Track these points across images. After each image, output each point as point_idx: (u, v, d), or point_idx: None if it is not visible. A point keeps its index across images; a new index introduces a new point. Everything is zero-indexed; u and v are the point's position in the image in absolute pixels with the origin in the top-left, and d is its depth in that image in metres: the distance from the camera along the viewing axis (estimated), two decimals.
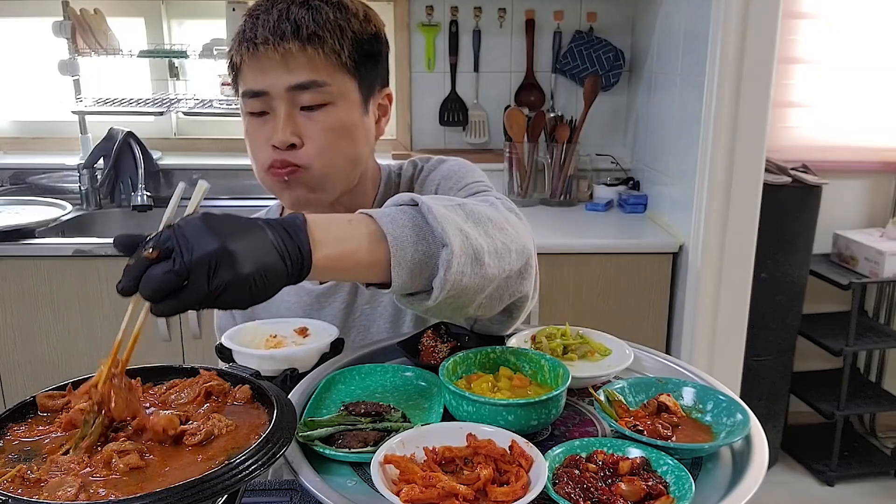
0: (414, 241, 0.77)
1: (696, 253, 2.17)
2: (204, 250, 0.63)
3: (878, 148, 2.86)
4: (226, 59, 1.09)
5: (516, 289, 0.91)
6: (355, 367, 1.01)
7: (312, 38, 1.00)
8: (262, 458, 0.68)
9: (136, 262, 0.64)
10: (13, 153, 2.91)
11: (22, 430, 0.76)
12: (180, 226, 0.65)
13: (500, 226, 0.87)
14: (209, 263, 0.63)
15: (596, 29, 2.77)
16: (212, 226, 0.65)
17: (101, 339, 2.26)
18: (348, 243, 0.75)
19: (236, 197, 2.77)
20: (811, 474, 2.79)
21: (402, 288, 0.79)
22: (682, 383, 0.92)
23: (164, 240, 0.64)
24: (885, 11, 2.74)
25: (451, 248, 0.77)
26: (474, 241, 0.81)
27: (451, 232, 0.78)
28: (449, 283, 0.78)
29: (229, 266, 0.64)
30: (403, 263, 0.77)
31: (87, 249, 2.22)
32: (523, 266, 0.90)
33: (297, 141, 1.04)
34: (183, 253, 0.63)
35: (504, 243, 0.86)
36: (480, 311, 0.90)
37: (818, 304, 2.90)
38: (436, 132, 2.86)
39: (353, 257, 0.75)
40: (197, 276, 0.63)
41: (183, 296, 0.64)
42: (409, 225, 0.78)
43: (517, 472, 0.72)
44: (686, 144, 2.25)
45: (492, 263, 0.83)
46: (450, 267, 0.77)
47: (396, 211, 0.80)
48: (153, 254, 0.64)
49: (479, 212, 0.86)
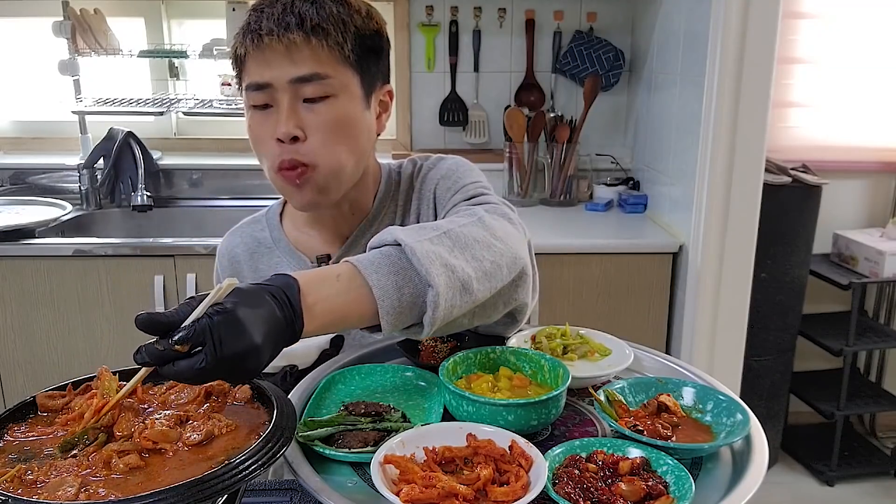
0: (398, 287, 0.80)
1: (696, 253, 2.17)
2: (234, 350, 0.67)
3: (878, 148, 2.86)
4: (230, 53, 1.09)
5: (511, 298, 0.93)
6: (355, 367, 1.01)
7: (317, 29, 1.02)
8: (262, 458, 0.68)
9: (164, 351, 0.67)
10: (13, 153, 2.91)
11: (22, 430, 0.76)
12: (213, 322, 0.67)
13: (487, 244, 0.89)
14: (237, 358, 0.68)
15: (596, 29, 2.76)
16: (243, 319, 0.68)
17: (101, 339, 2.26)
18: (337, 301, 0.78)
19: (236, 197, 2.77)
20: (811, 474, 2.79)
21: (391, 331, 0.82)
22: (682, 383, 0.92)
23: (199, 335, 0.67)
24: (885, 11, 2.74)
25: (436, 290, 0.80)
26: (460, 272, 0.83)
27: (434, 272, 0.80)
28: (438, 319, 0.82)
29: (255, 358, 0.69)
30: (391, 311, 0.80)
31: (87, 249, 2.22)
32: (516, 277, 0.92)
33: (300, 134, 1.04)
34: (217, 350, 0.67)
35: (493, 262, 0.88)
36: (477, 321, 0.92)
37: (818, 304, 2.90)
38: (436, 132, 2.86)
39: (343, 316, 0.79)
40: (221, 369, 0.68)
41: (197, 379, 0.69)
42: (394, 271, 0.80)
43: (517, 472, 0.72)
44: (686, 144, 2.25)
45: (481, 288, 0.86)
46: (437, 306, 0.81)
47: (380, 257, 0.82)
48: (184, 348, 0.67)
49: (464, 235, 0.88)
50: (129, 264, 2.22)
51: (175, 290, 2.22)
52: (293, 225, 1.24)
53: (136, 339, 0.66)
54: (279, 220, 1.25)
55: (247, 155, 2.89)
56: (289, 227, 1.24)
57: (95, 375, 0.79)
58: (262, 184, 2.79)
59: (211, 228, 2.54)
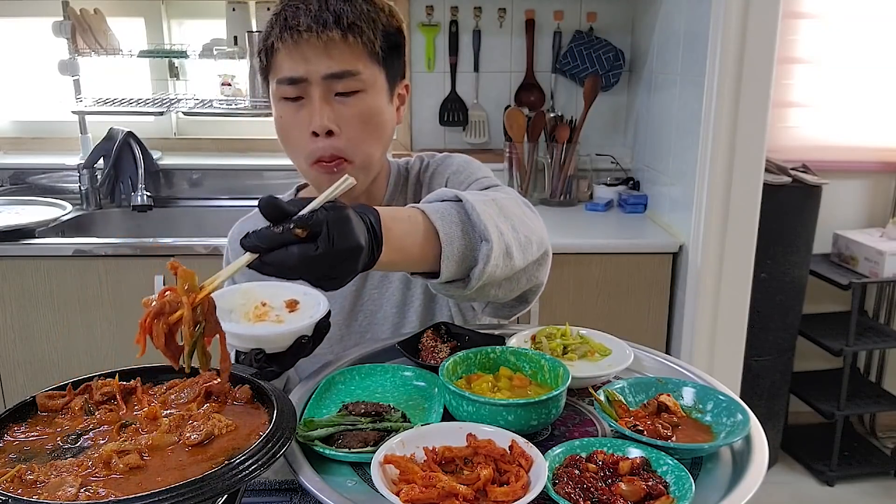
0: (460, 237, 0.86)
1: (696, 253, 2.17)
2: (347, 245, 0.71)
3: (878, 148, 2.86)
4: (259, 45, 1.11)
5: (534, 275, 0.99)
6: (355, 367, 1.01)
7: (353, 27, 1.05)
8: (262, 458, 0.68)
9: (282, 234, 0.69)
10: (13, 153, 2.91)
11: (22, 430, 0.76)
12: (331, 215, 0.70)
13: (522, 220, 0.95)
14: (343, 255, 0.71)
15: (596, 29, 2.76)
16: (353, 220, 0.72)
17: (101, 339, 2.26)
18: (406, 240, 0.82)
19: (236, 197, 2.77)
20: (811, 474, 2.79)
21: (447, 278, 0.86)
22: (682, 383, 0.92)
23: (318, 223, 0.69)
24: (885, 11, 2.74)
25: (490, 244, 0.86)
26: (506, 236, 0.89)
27: (490, 228, 0.86)
28: (486, 275, 0.87)
29: (354, 260, 0.73)
30: (452, 257, 0.85)
31: (87, 249, 2.22)
32: (542, 256, 0.98)
33: (335, 128, 1.07)
34: (331, 241, 0.69)
35: (527, 237, 0.94)
36: (502, 293, 0.97)
37: (818, 304, 2.90)
38: (436, 132, 2.86)
39: (407, 255, 0.83)
40: (326, 263, 0.70)
41: (298, 272, 0.70)
42: (457, 221, 0.86)
43: (517, 472, 0.72)
44: (686, 144, 2.25)
45: (518, 256, 0.91)
46: (488, 261, 0.86)
47: (444, 207, 0.87)
48: (302, 234, 0.69)
49: (506, 207, 0.94)
50: (129, 264, 2.22)
51: None
52: None
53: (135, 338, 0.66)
54: None
55: (247, 155, 2.90)
56: None
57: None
58: (262, 184, 2.79)
59: (211, 228, 2.54)
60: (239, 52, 2.64)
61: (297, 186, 1.31)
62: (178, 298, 0.72)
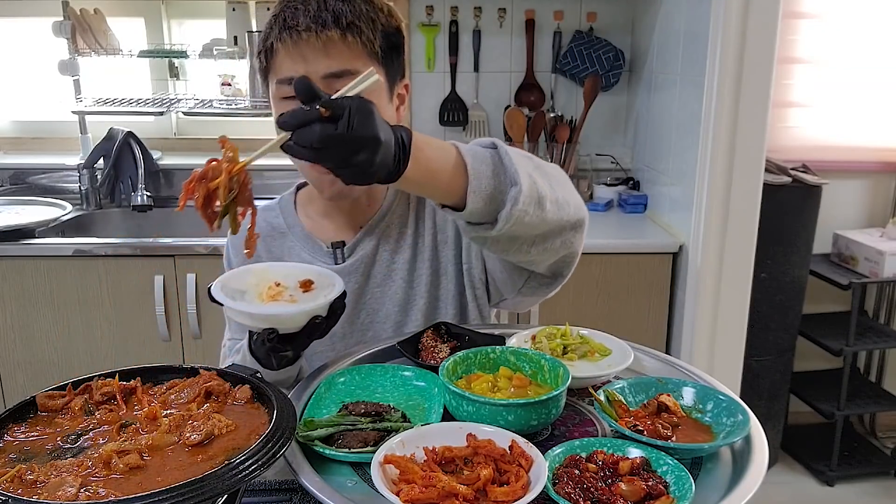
0: (489, 176, 0.89)
1: (696, 253, 2.17)
2: (365, 133, 0.76)
3: (878, 148, 2.86)
4: (258, 45, 1.12)
5: (570, 240, 1.01)
6: (355, 367, 1.01)
7: (351, 27, 1.06)
8: (262, 458, 0.68)
9: (309, 112, 0.75)
10: (13, 153, 2.91)
11: (22, 430, 0.76)
12: (354, 102, 0.76)
13: (561, 182, 0.99)
14: (360, 142, 0.76)
15: (596, 29, 2.76)
16: (375, 114, 0.77)
17: (101, 339, 2.26)
18: (435, 165, 0.87)
19: None
20: (811, 474, 2.79)
21: (471, 213, 0.90)
22: (682, 383, 0.92)
23: (340, 106, 0.75)
24: (885, 11, 2.74)
25: (519, 187, 0.88)
26: (540, 187, 0.92)
27: (521, 174, 0.89)
28: (513, 218, 0.89)
29: (371, 152, 0.77)
30: (478, 192, 0.88)
31: (87, 249, 2.22)
32: (579, 220, 1.00)
33: None
34: (350, 125, 0.74)
35: (564, 197, 0.97)
36: (535, 252, 0.99)
37: (818, 304, 2.90)
38: (436, 132, 2.86)
39: (434, 179, 0.88)
40: (345, 146, 0.75)
41: (322, 153, 0.76)
42: (488, 162, 0.90)
43: (517, 472, 0.72)
44: (686, 144, 2.25)
45: (552, 209, 0.94)
46: (516, 203, 0.88)
47: (479, 149, 0.92)
48: (326, 113, 0.74)
49: (544, 166, 0.99)
50: (129, 264, 2.22)
51: (175, 290, 2.22)
52: (306, 214, 1.27)
53: (136, 339, 0.66)
54: (293, 208, 1.28)
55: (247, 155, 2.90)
56: (302, 216, 1.27)
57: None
58: (262, 184, 2.79)
59: None
60: (239, 52, 2.64)
61: (297, 185, 1.31)
62: (220, 167, 0.79)
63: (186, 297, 2.21)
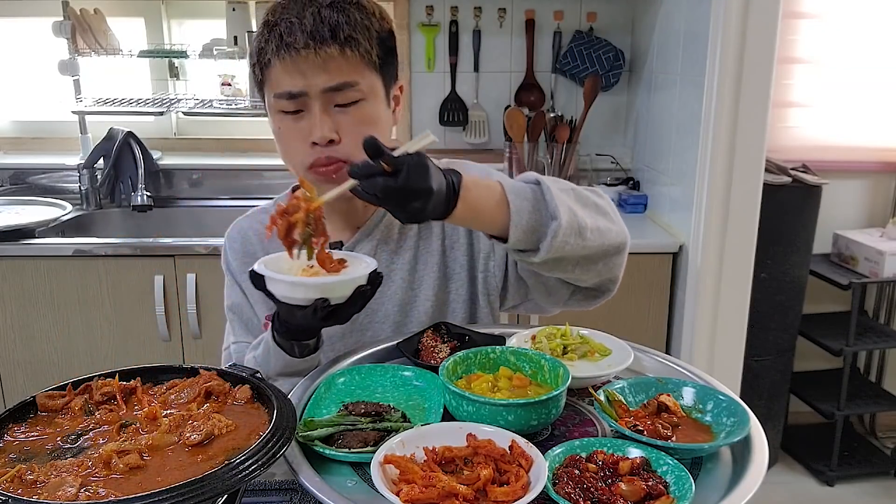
0: (530, 211, 0.97)
1: (696, 253, 2.17)
2: (419, 185, 0.86)
3: (878, 148, 2.86)
4: (252, 56, 1.11)
5: (611, 263, 1.09)
6: (355, 367, 1.01)
7: (349, 40, 1.06)
8: (262, 458, 0.68)
9: (374, 167, 0.86)
10: (13, 153, 2.91)
11: (22, 430, 0.76)
12: (411, 160, 0.86)
13: (602, 210, 1.07)
14: (416, 193, 0.86)
15: (596, 29, 2.76)
16: (430, 168, 0.87)
17: (101, 339, 2.26)
18: (481, 203, 0.96)
19: (236, 197, 2.77)
20: (811, 474, 2.79)
21: (515, 244, 0.98)
22: (682, 383, 0.92)
23: (400, 163, 0.85)
24: (885, 11, 2.74)
25: (559, 221, 0.96)
26: (580, 218, 1.00)
27: (561, 209, 0.97)
28: (554, 247, 0.97)
29: (425, 200, 0.87)
30: (519, 226, 0.96)
31: (87, 249, 2.22)
32: (621, 244, 1.08)
33: (336, 137, 1.09)
34: (407, 179, 0.85)
35: (605, 224, 1.05)
36: (579, 272, 1.06)
37: (818, 304, 2.90)
38: (436, 132, 2.80)
39: (480, 217, 0.97)
40: (402, 196, 0.86)
41: (383, 201, 0.87)
42: (529, 198, 0.98)
43: (517, 472, 0.72)
44: (686, 144, 2.25)
45: (593, 237, 1.02)
46: (556, 236, 0.97)
47: (522, 185, 1.00)
48: (389, 168, 0.85)
49: (587, 196, 1.06)
50: (129, 264, 2.22)
51: (175, 289, 2.22)
52: None
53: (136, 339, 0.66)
54: None
55: (247, 155, 2.90)
56: None
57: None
58: (262, 184, 2.79)
59: (211, 228, 2.54)
60: (239, 52, 2.64)
61: (293, 187, 1.30)
62: (299, 204, 0.90)
63: (186, 297, 2.21)
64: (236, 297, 1.26)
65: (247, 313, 1.25)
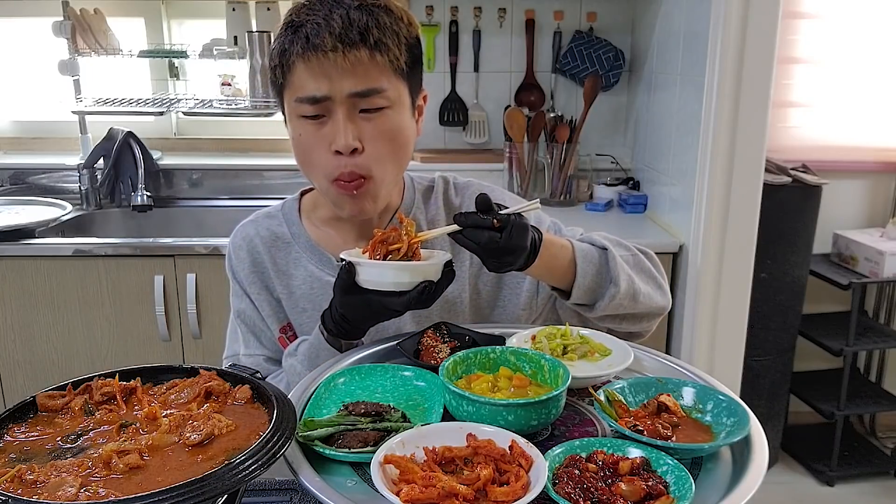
0: (593, 274, 1.10)
1: (696, 253, 2.17)
2: (517, 244, 0.96)
3: (878, 148, 2.86)
4: (273, 57, 1.06)
5: (647, 324, 1.21)
6: (355, 367, 1.01)
7: (379, 44, 1.02)
8: (262, 458, 0.68)
9: (484, 220, 0.94)
10: (13, 153, 2.91)
11: (22, 430, 0.76)
12: (516, 221, 0.96)
13: (656, 280, 1.19)
14: (513, 250, 0.96)
15: (596, 29, 2.76)
16: (529, 231, 0.98)
17: (101, 339, 2.26)
18: (553, 261, 1.08)
19: (236, 197, 2.77)
20: (811, 474, 2.79)
21: (576, 301, 1.11)
22: (682, 383, 0.92)
23: (506, 222, 0.95)
24: (885, 11, 2.74)
25: (618, 288, 1.10)
26: (637, 284, 1.13)
27: (622, 276, 1.10)
28: (610, 308, 1.11)
29: (518, 256, 0.98)
30: (581, 287, 1.10)
31: (87, 249, 2.22)
32: (662, 307, 1.20)
33: (359, 146, 1.05)
34: (511, 237, 0.95)
35: (656, 291, 1.18)
36: (615, 326, 1.17)
37: (818, 304, 2.90)
38: (436, 132, 2.86)
39: (554, 272, 1.10)
40: (502, 251, 0.96)
41: (483, 251, 0.96)
42: (595, 262, 1.11)
43: (517, 472, 0.72)
44: (686, 144, 2.25)
45: (644, 301, 1.15)
46: (613, 299, 1.10)
47: (589, 248, 1.13)
48: (496, 224, 0.94)
49: (643, 263, 1.18)
50: (129, 264, 2.22)
51: (175, 289, 2.22)
52: (311, 222, 1.24)
53: (136, 339, 0.67)
54: (297, 215, 1.24)
55: (247, 155, 2.90)
56: (307, 224, 1.23)
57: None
58: (262, 184, 2.79)
59: (211, 228, 2.54)
60: (239, 52, 2.64)
61: (302, 191, 1.28)
62: (399, 235, 0.97)
63: (186, 297, 2.21)
64: (244, 306, 1.23)
65: (257, 323, 1.23)
